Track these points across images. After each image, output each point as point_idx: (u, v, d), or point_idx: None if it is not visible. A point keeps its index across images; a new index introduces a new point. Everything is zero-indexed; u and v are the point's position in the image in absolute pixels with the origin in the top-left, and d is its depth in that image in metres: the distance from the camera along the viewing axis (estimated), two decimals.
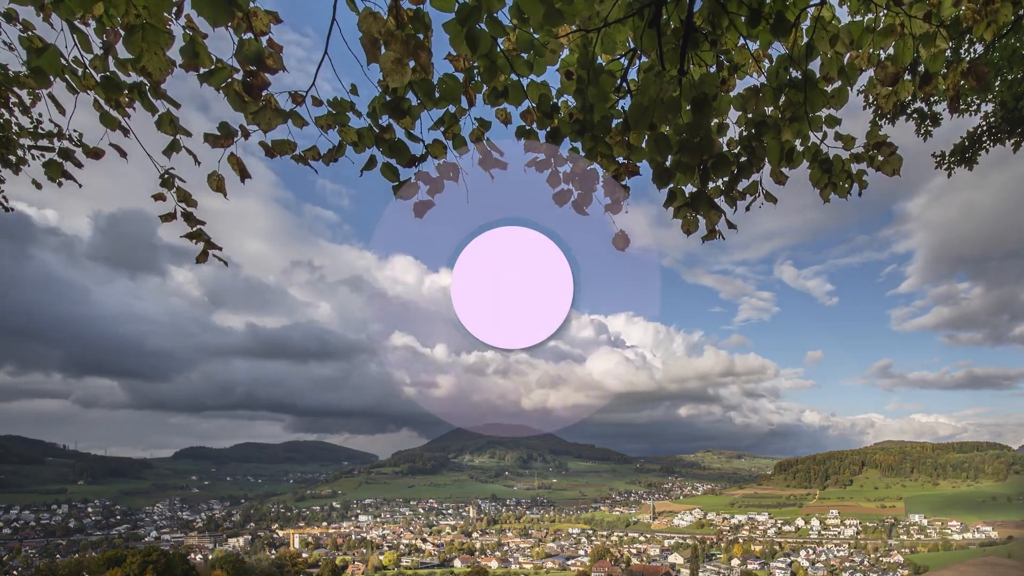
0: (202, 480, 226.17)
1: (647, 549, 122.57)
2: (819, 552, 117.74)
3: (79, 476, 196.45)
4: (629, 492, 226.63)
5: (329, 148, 2.63)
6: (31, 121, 3.39)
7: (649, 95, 2.31)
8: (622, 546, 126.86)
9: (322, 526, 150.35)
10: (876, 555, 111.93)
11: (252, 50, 2.21)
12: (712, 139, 2.47)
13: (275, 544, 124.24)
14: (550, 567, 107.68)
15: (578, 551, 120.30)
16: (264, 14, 2.26)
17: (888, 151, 2.84)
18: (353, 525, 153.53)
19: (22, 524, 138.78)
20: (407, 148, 2.62)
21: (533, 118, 2.70)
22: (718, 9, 2.47)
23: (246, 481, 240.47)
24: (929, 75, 2.57)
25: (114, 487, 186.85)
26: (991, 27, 2.47)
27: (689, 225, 2.95)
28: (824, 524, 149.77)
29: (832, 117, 2.77)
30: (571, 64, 2.54)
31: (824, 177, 2.91)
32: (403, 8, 2.17)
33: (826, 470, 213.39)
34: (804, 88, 2.59)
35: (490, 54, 2.28)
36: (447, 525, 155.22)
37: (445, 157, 2.71)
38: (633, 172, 2.90)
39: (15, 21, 2.89)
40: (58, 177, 3.18)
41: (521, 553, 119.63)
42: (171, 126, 2.66)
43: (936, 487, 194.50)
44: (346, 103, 2.54)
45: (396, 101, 2.46)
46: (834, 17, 2.62)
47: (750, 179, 2.91)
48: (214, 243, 3.08)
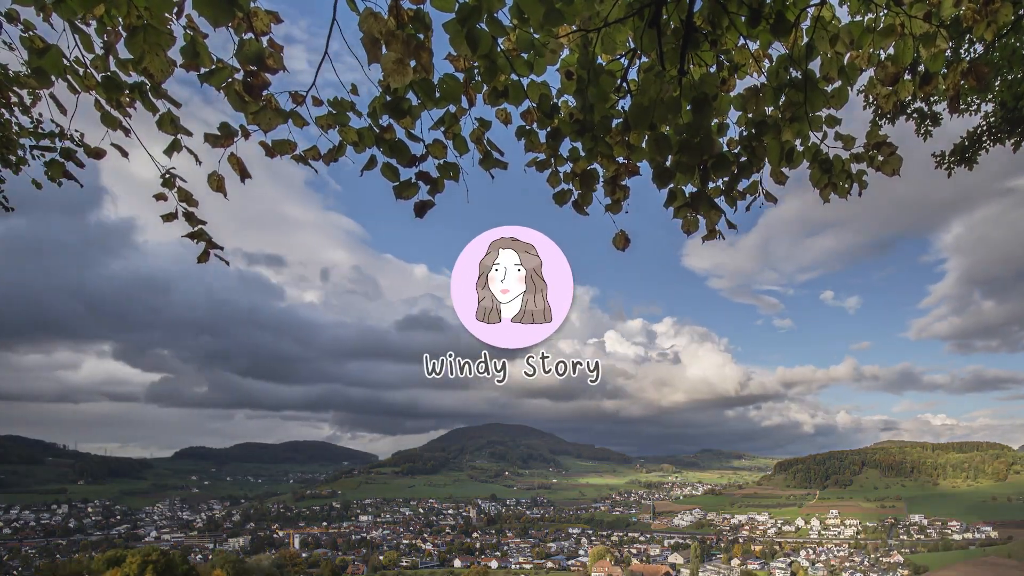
0: (202, 480, 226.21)
1: (647, 549, 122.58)
2: (819, 552, 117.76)
3: (79, 476, 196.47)
4: (629, 492, 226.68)
5: (329, 148, 2.63)
6: (32, 121, 3.39)
7: (649, 95, 2.31)
8: (622, 546, 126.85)
9: (322, 526, 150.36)
10: (876, 555, 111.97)
11: (252, 50, 2.22)
12: (712, 139, 2.48)
13: (275, 544, 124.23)
14: (550, 567, 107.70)
15: (578, 551, 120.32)
16: (265, 14, 2.26)
17: (888, 151, 2.84)
18: (353, 525, 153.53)
19: (22, 524, 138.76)
20: (407, 148, 2.63)
21: (533, 118, 2.71)
22: (718, 9, 2.48)
23: (246, 481, 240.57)
24: (929, 75, 2.57)
25: (114, 487, 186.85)
26: (991, 27, 2.47)
27: (689, 225, 2.96)
28: (824, 524, 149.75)
29: (832, 117, 2.77)
30: (571, 64, 2.55)
31: (824, 177, 2.91)
32: (403, 8, 2.17)
33: (826, 470, 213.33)
34: (804, 88, 2.60)
35: (490, 54, 2.28)
36: (447, 525, 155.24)
37: (445, 157, 2.72)
38: (633, 172, 2.91)
39: (16, 21, 2.90)
40: (60, 177, 3.18)
41: (521, 553, 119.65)
42: (172, 126, 2.66)
43: (936, 487, 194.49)
44: (346, 103, 2.55)
45: (396, 101, 2.46)
46: (834, 17, 2.63)
47: (750, 179, 2.92)
48: (215, 243, 3.09)
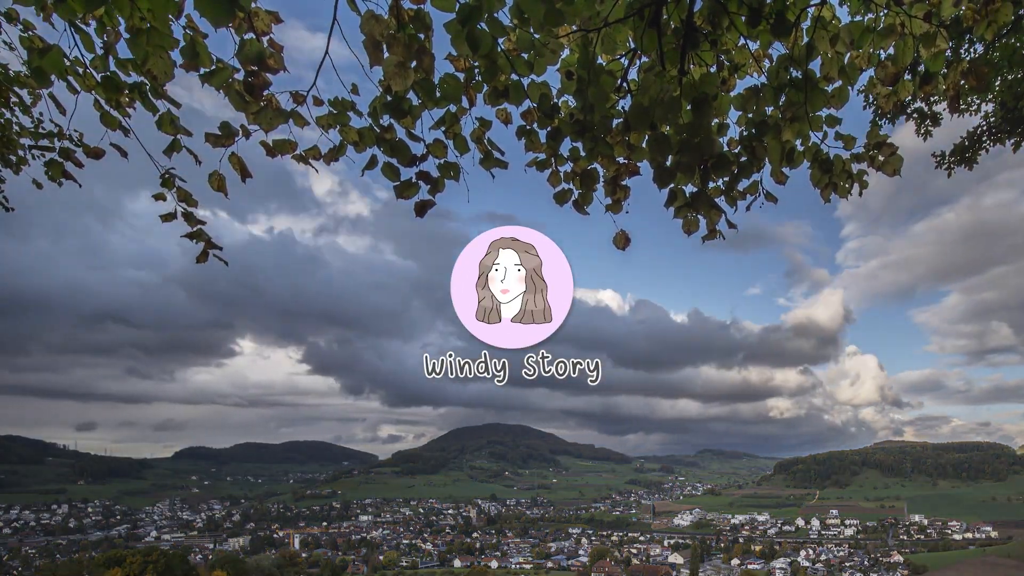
0: (202, 480, 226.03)
1: (647, 549, 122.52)
2: (819, 552, 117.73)
3: (79, 476, 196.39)
4: (629, 492, 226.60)
5: (330, 148, 2.64)
6: (32, 121, 3.39)
7: (649, 95, 2.31)
8: (622, 546, 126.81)
9: (322, 526, 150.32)
10: (876, 555, 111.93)
11: (253, 50, 2.22)
12: (712, 139, 2.48)
13: (275, 544, 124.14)
14: (550, 567, 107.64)
15: (578, 551, 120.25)
16: (265, 14, 2.26)
17: (888, 151, 2.84)
18: (353, 525, 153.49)
19: (22, 524, 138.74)
20: (408, 148, 2.63)
21: (534, 118, 2.71)
22: (718, 9, 2.48)
23: (246, 481, 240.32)
24: (929, 75, 2.57)
25: (114, 487, 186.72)
26: (991, 27, 2.47)
27: (690, 225, 2.96)
28: (824, 524, 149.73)
29: (832, 117, 2.77)
30: (571, 64, 2.55)
31: (824, 177, 2.91)
32: (404, 8, 2.17)
33: (826, 470, 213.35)
34: (804, 88, 2.60)
35: (491, 54, 2.28)
36: (447, 525, 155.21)
37: (446, 156, 2.72)
38: (633, 172, 2.91)
39: (16, 21, 2.90)
40: (59, 177, 3.18)
41: (521, 553, 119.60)
42: (171, 126, 2.66)
43: (936, 487, 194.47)
44: (347, 103, 2.55)
45: (397, 101, 2.46)
46: (834, 17, 2.63)
47: (750, 179, 2.92)
48: (214, 243, 3.09)
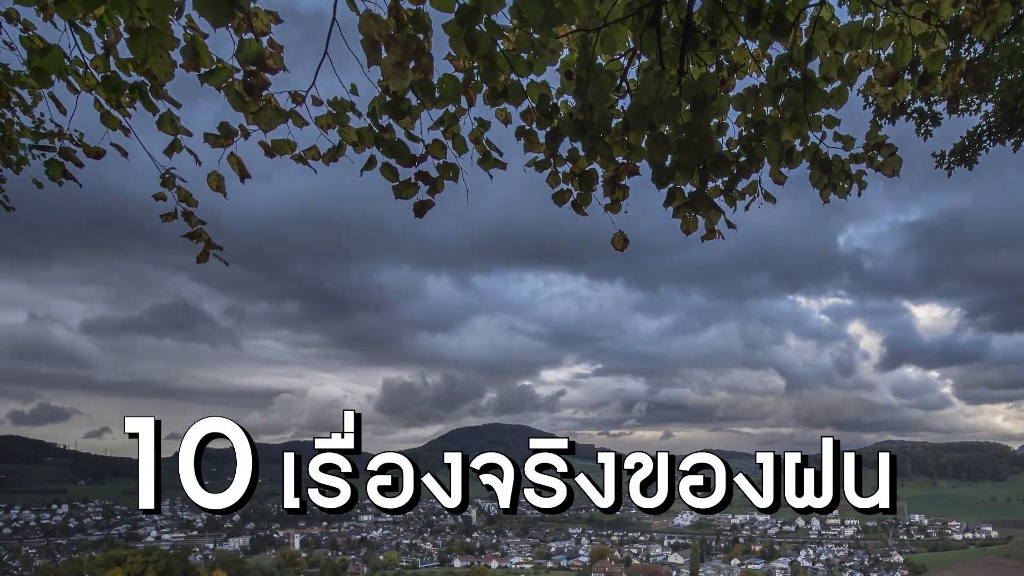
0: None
1: (647, 549, 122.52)
2: (819, 552, 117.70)
3: (79, 476, 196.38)
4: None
5: (329, 148, 2.64)
6: (32, 121, 3.39)
7: (649, 95, 2.32)
8: (622, 546, 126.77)
9: (322, 526, 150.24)
10: (876, 555, 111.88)
11: (253, 50, 2.22)
12: (711, 139, 2.48)
13: (275, 544, 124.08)
14: (550, 567, 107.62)
15: (578, 551, 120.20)
16: (265, 14, 2.27)
17: (888, 151, 2.84)
18: (353, 525, 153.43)
19: (22, 524, 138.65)
20: (407, 148, 2.63)
21: (533, 118, 2.71)
22: (718, 9, 2.48)
23: None
24: (928, 75, 2.57)
25: (114, 487, 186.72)
26: (990, 27, 2.47)
27: (689, 225, 2.96)
28: (824, 524, 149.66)
29: (831, 117, 2.77)
30: (571, 64, 2.55)
31: (824, 177, 2.91)
32: (403, 8, 2.18)
33: None
34: (803, 88, 2.60)
35: (490, 54, 2.28)
36: (447, 525, 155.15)
37: (445, 157, 2.72)
38: (633, 172, 2.91)
39: (16, 21, 2.90)
40: (59, 177, 3.19)
41: (521, 553, 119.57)
42: (172, 126, 2.66)
43: (936, 487, 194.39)
44: (346, 103, 2.55)
45: (396, 101, 2.46)
46: (833, 17, 2.63)
47: (749, 179, 2.92)
48: (215, 243, 3.09)
